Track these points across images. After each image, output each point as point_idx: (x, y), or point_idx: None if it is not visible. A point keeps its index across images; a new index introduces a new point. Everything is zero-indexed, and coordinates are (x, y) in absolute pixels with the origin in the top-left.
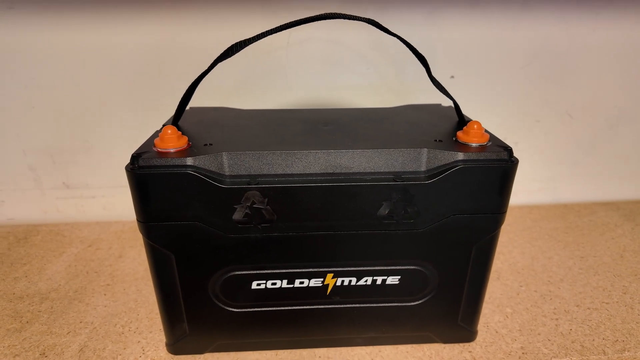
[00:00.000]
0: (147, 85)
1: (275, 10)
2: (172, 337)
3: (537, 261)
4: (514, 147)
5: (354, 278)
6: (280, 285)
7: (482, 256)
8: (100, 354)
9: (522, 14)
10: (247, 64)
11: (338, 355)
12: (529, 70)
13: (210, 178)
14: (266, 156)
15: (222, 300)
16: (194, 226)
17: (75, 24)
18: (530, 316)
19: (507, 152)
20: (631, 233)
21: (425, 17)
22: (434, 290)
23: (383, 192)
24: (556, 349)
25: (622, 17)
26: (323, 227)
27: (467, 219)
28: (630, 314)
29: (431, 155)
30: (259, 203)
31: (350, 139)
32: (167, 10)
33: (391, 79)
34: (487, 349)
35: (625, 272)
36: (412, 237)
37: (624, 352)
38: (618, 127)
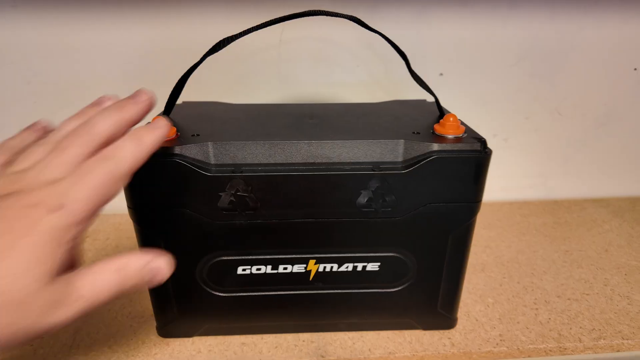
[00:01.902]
0: (145, 80)
1: (268, 9)
2: (162, 320)
3: (523, 254)
4: (503, 143)
5: (336, 264)
6: (265, 270)
7: (459, 244)
8: (94, 336)
9: (511, 12)
10: (241, 60)
11: (321, 340)
12: (518, 68)
13: (196, 166)
14: (250, 146)
15: (209, 285)
16: (182, 213)
17: (76, 21)
18: (511, 306)
19: (481, 144)
20: (618, 229)
21: (416, 15)
22: (413, 277)
23: (362, 181)
24: (534, 337)
25: (609, 15)
26: (305, 214)
27: (443, 208)
28: (609, 305)
29: (408, 146)
30: (243, 191)
31: (332, 131)
32: (165, 7)
33: (381, 75)
34: (466, 335)
35: (609, 266)
36: (391, 225)
37: (600, 340)
38: (607, 124)
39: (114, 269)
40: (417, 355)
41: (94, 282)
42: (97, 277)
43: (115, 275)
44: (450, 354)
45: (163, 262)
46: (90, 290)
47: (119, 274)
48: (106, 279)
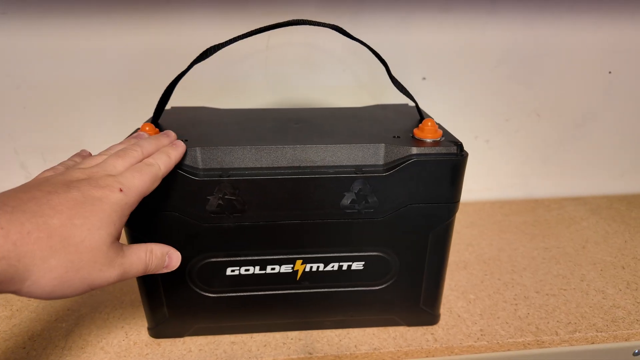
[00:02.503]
0: (135, 86)
1: (255, 16)
2: (153, 321)
3: (504, 252)
4: (485, 144)
5: (322, 264)
6: (253, 271)
7: (439, 243)
8: (86, 338)
9: (489, 18)
10: (229, 66)
11: (309, 337)
12: (497, 72)
13: (185, 171)
14: (237, 151)
15: (199, 286)
16: (171, 216)
17: (65, 28)
18: (491, 302)
19: (457, 147)
20: (595, 226)
21: (398, 22)
22: (395, 276)
23: (345, 184)
24: (512, 331)
25: (584, 21)
26: (291, 216)
27: (423, 208)
28: (584, 299)
29: (388, 150)
30: (231, 194)
31: (317, 135)
32: (154, 15)
33: (366, 80)
34: (448, 331)
35: (585, 262)
36: (373, 225)
37: (575, 333)
38: (584, 125)
39: (145, 250)
40: (402, 351)
41: (132, 255)
42: (134, 252)
43: (145, 255)
44: (433, 349)
45: (176, 253)
46: (128, 261)
47: (147, 255)
48: (140, 256)
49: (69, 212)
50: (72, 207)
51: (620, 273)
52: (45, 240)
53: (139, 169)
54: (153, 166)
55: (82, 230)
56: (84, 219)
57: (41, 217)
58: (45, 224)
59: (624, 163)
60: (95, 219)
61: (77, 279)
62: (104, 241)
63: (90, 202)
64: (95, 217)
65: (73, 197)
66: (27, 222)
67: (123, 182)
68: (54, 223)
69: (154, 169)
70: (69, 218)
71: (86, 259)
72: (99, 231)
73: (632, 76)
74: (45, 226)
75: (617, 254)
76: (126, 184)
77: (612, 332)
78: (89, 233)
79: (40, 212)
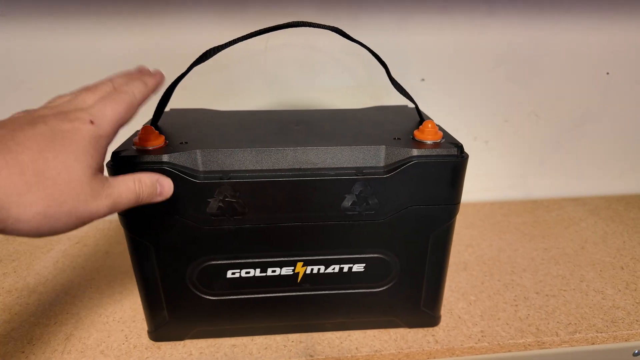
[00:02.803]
0: None
1: (254, 17)
2: (153, 324)
3: (503, 253)
4: (484, 145)
5: (323, 266)
6: (254, 274)
7: (440, 244)
8: (85, 341)
9: (487, 20)
10: (228, 67)
11: (310, 340)
12: (496, 73)
13: (185, 174)
14: (238, 153)
15: (200, 289)
16: (171, 219)
17: (64, 29)
18: (492, 303)
19: (458, 149)
20: (594, 226)
21: (396, 23)
22: (396, 277)
23: (346, 186)
24: (513, 332)
25: (580, 22)
26: (292, 218)
27: (424, 210)
28: (584, 300)
29: (389, 152)
30: (231, 197)
31: (317, 137)
32: (152, 17)
33: (365, 81)
34: (449, 332)
35: (585, 262)
36: (374, 227)
37: (576, 334)
38: (582, 126)
39: (133, 179)
40: (402, 353)
41: (119, 185)
42: (121, 182)
43: (134, 184)
44: (434, 350)
45: (167, 180)
46: (116, 191)
47: (136, 184)
48: (129, 185)
49: (38, 146)
50: (41, 142)
51: (620, 273)
52: (17, 175)
53: (111, 98)
54: (126, 94)
55: (55, 164)
56: (55, 152)
57: (9, 154)
58: (15, 159)
59: (622, 163)
60: (68, 152)
61: (62, 213)
62: (83, 172)
63: (60, 135)
64: (67, 149)
65: (40, 132)
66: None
67: (93, 112)
68: (24, 159)
69: (128, 96)
70: (39, 152)
71: (67, 192)
72: (75, 164)
73: (630, 77)
74: (15, 162)
75: (616, 255)
76: (97, 114)
77: (612, 332)
78: (64, 166)
79: (7, 149)
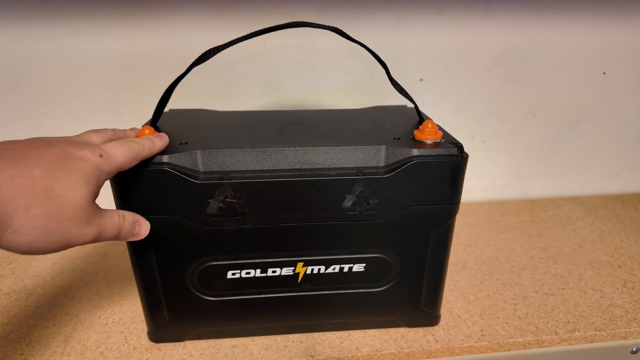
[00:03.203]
0: (130, 88)
1: (253, 18)
2: (153, 325)
3: (502, 252)
4: (481, 145)
5: (323, 266)
6: (254, 274)
7: (440, 244)
8: (85, 343)
9: (485, 20)
10: (227, 68)
11: (310, 340)
12: (493, 73)
13: (185, 174)
14: (238, 153)
15: (200, 290)
16: (171, 220)
17: (61, 30)
18: (491, 302)
19: (458, 148)
20: (591, 225)
21: (394, 23)
22: (396, 277)
23: (346, 186)
24: (512, 331)
25: (578, 23)
26: (292, 219)
27: (424, 210)
28: (582, 299)
29: (389, 152)
30: (232, 197)
31: (317, 137)
32: (150, 17)
33: (364, 81)
34: (449, 332)
35: (583, 261)
36: (375, 227)
37: (574, 332)
38: (579, 125)
39: (118, 214)
40: (403, 352)
41: (107, 217)
42: (109, 214)
43: (119, 219)
44: (434, 349)
45: (146, 222)
46: (104, 221)
47: (120, 219)
48: (114, 219)
49: (50, 165)
50: (53, 161)
51: (617, 272)
52: (28, 187)
53: (123, 143)
54: (138, 144)
55: (63, 184)
56: (65, 174)
57: (23, 165)
58: (28, 172)
59: (619, 163)
60: (76, 176)
61: (56, 231)
62: (85, 198)
63: (71, 159)
64: (76, 174)
65: (54, 152)
66: (10, 168)
67: (104, 149)
68: (36, 173)
69: (138, 146)
70: (50, 170)
71: (67, 213)
72: (80, 188)
73: (626, 77)
74: (28, 174)
75: (614, 253)
76: (107, 151)
77: (611, 330)
78: (70, 188)
79: (22, 161)
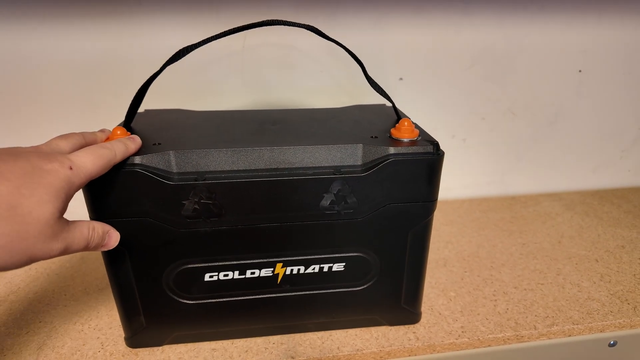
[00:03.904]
0: (106, 89)
1: (230, 17)
2: (130, 330)
3: (482, 249)
4: (462, 143)
5: (302, 266)
6: (232, 276)
7: (418, 241)
8: (59, 351)
9: (463, 19)
10: (205, 67)
11: (291, 341)
12: (472, 72)
13: (158, 175)
14: (213, 154)
15: (177, 293)
16: (145, 222)
17: (32, 32)
18: (471, 298)
19: (434, 146)
20: (569, 221)
21: (374, 23)
22: (376, 275)
23: (324, 185)
24: (492, 327)
25: (554, 21)
26: (270, 219)
27: (401, 207)
28: (561, 293)
29: (366, 150)
30: (207, 198)
31: (294, 136)
32: (124, 17)
33: (344, 80)
34: (430, 329)
35: (561, 256)
36: (353, 226)
37: (553, 327)
38: (556, 123)
39: (88, 227)
40: (384, 351)
41: (75, 230)
42: (77, 227)
43: (88, 232)
44: (415, 347)
45: (116, 233)
46: (71, 235)
47: (90, 232)
48: (83, 232)
49: (17, 180)
50: (20, 177)
51: (594, 266)
52: None
53: (94, 151)
54: (109, 150)
55: (30, 201)
56: (32, 190)
57: None
58: None
59: (595, 159)
60: (44, 192)
61: (20, 249)
62: (51, 214)
63: (39, 173)
64: (44, 189)
65: (21, 166)
66: None
67: (74, 160)
68: (1, 190)
69: (110, 153)
70: (17, 187)
71: (32, 231)
72: (47, 204)
73: (601, 74)
74: None
75: (591, 248)
76: (77, 163)
77: (588, 324)
78: (37, 205)
79: None
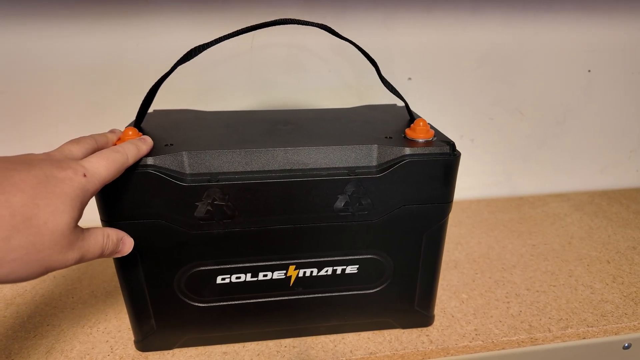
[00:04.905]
0: (113, 90)
1: (237, 16)
2: (140, 334)
3: (493, 250)
4: (470, 143)
5: (315, 269)
6: (245, 279)
7: (433, 243)
8: (68, 354)
9: (472, 19)
10: (213, 67)
11: (303, 344)
12: (480, 72)
13: (171, 177)
14: (226, 154)
15: (188, 296)
16: (157, 224)
17: (38, 32)
18: (484, 301)
19: (450, 147)
20: (579, 222)
21: (382, 22)
22: (390, 278)
23: (338, 186)
24: (506, 329)
25: (563, 21)
26: (283, 221)
27: (417, 209)
28: (574, 295)
29: (381, 151)
30: (220, 200)
31: (307, 137)
32: (131, 17)
33: (352, 80)
34: (443, 332)
35: (572, 257)
36: (367, 228)
37: (567, 329)
38: (565, 123)
39: (103, 234)
40: (397, 354)
41: (90, 238)
42: (92, 235)
43: (103, 239)
44: (429, 350)
45: (129, 239)
46: (86, 244)
47: (104, 239)
48: (98, 240)
49: (32, 191)
50: (35, 187)
51: (606, 267)
52: (8, 218)
53: (106, 156)
54: (121, 154)
55: (45, 212)
56: (47, 200)
57: (3, 194)
58: (8, 201)
59: (604, 159)
60: (59, 202)
61: (36, 260)
62: (67, 225)
63: (53, 183)
64: (59, 199)
65: (35, 176)
66: None
67: (87, 167)
68: (16, 201)
69: (122, 157)
70: (32, 198)
71: (48, 242)
72: (62, 214)
73: (610, 75)
74: (8, 204)
75: (602, 249)
76: (90, 169)
77: (602, 326)
78: (52, 216)
79: (2, 189)
